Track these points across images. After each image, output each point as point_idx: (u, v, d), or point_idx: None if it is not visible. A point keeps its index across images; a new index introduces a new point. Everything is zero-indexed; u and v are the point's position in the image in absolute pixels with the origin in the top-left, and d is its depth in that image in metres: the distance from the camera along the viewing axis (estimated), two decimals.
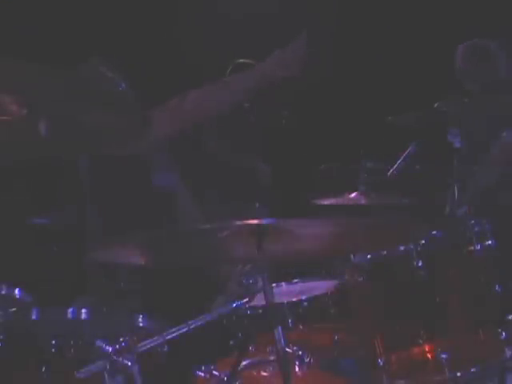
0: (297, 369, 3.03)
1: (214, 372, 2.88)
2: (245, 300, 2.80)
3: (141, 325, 2.70)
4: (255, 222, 2.27)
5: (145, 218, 3.49)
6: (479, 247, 3.19)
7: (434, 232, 3.19)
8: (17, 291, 2.53)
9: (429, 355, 3.09)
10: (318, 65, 3.78)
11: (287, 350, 2.57)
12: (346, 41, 5.95)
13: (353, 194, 4.82)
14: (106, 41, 5.27)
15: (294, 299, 3.31)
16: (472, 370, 3.04)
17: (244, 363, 2.88)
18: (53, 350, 2.52)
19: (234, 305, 2.82)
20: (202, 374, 2.90)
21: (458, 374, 3.03)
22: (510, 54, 4.99)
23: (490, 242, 3.21)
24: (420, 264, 3.15)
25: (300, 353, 3.03)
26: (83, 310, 2.57)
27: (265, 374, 3.03)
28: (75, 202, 3.87)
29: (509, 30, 5.37)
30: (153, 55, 5.59)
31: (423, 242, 3.16)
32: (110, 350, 2.46)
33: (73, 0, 5.41)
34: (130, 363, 2.46)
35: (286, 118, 4.30)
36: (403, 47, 5.94)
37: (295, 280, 3.34)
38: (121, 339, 2.50)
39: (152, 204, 3.60)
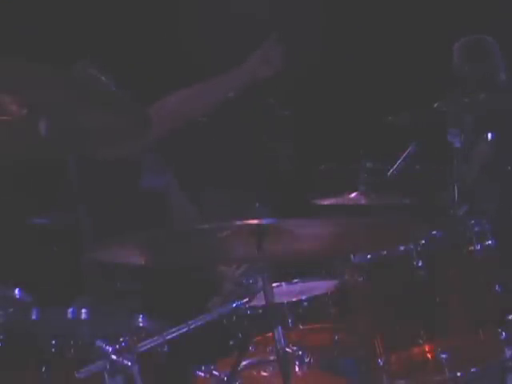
0: (297, 369, 3.02)
1: (214, 372, 2.88)
2: (245, 300, 2.80)
3: (141, 325, 2.70)
4: (255, 222, 2.27)
5: (135, 219, 3.49)
6: (479, 247, 3.19)
7: (434, 232, 3.19)
8: (17, 291, 2.53)
9: (429, 355, 3.09)
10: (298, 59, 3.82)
11: (287, 349, 2.57)
12: (345, 41, 5.95)
13: (353, 194, 4.82)
14: (102, 41, 5.27)
15: (294, 299, 3.30)
16: (472, 370, 3.04)
17: (244, 363, 2.88)
18: (53, 350, 2.51)
19: (234, 305, 2.82)
20: (202, 374, 2.90)
21: (458, 374, 3.03)
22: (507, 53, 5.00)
23: (489, 241, 3.21)
24: (420, 264, 3.14)
25: (300, 353, 3.03)
26: (83, 310, 2.56)
27: (265, 374, 3.03)
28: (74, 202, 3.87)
29: (506, 27, 5.38)
30: (150, 55, 5.59)
31: (423, 242, 3.16)
32: (110, 350, 2.46)
33: (72, 0, 5.42)
34: (130, 363, 2.45)
35: (287, 119, 4.32)
36: (403, 47, 5.94)
37: (295, 280, 3.34)
38: (121, 339, 2.49)
39: (142, 204, 3.60)
